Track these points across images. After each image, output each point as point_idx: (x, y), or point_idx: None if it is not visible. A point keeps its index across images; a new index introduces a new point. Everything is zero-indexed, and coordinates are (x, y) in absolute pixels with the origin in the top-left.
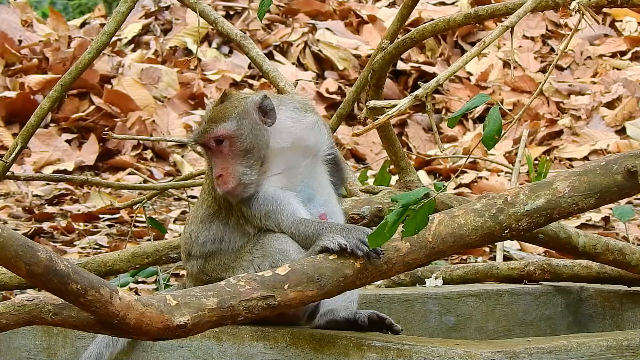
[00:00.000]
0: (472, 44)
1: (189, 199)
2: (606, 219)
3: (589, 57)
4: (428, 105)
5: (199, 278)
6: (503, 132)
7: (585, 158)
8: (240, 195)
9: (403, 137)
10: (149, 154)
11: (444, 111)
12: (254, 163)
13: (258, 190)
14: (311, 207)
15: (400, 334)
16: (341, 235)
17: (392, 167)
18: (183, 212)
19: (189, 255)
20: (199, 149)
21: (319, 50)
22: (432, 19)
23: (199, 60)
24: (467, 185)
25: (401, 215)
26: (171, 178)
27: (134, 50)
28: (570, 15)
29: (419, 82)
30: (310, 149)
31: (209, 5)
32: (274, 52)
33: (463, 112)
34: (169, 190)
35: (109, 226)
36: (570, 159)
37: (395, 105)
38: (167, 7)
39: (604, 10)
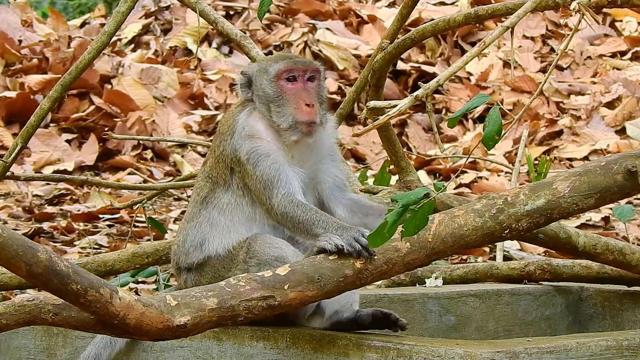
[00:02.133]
0: (472, 44)
1: (189, 199)
2: (606, 219)
3: (589, 57)
4: (428, 105)
5: None
6: (503, 132)
7: (585, 158)
8: (312, 132)
9: (403, 137)
10: (149, 154)
11: (444, 111)
12: (325, 112)
13: (272, 156)
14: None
15: (405, 329)
16: (337, 235)
17: (392, 167)
18: (183, 212)
19: (178, 269)
20: (268, 88)
21: (319, 50)
22: (432, 19)
23: (199, 60)
24: (467, 185)
25: (401, 215)
26: (171, 178)
27: (134, 50)
28: (570, 15)
29: (419, 82)
30: (325, 150)
31: (209, 5)
32: (274, 52)
33: (463, 112)
34: (169, 190)
35: (109, 226)
36: (570, 159)
37: (395, 106)
38: (167, 7)
39: (604, 10)
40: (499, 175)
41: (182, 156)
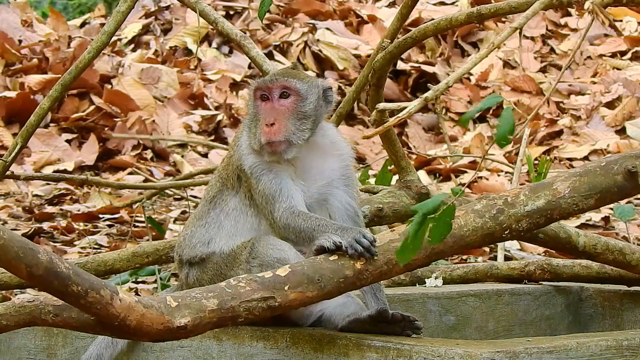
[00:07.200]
0: (472, 44)
1: (189, 199)
2: (606, 219)
3: (589, 57)
4: (437, 107)
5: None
6: (515, 132)
7: (585, 158)
8: (280, 152)
9: (403, 137)
10: (149, 154)
11: (444, 111)
12: (305, 129)
13: (274, 170)
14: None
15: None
16: (337, 234)
17: (392, 166)
18: (183, 212)
19: (180, 262)
20: (250, 107)
21: (319, 50)
22: (432, 19)
23: (199, 60)
24: (467, 185)
25: (421, 225)
26: (171, 178)
27: (134, 50)
28: (580, 16)
29: (419, 81)
30: (334, 160)
31: (209, 5)
32: (274, 52)
33: (476, 111)
34: (169, 189)
35: (109, 226)
36: (570, 159)
37: (405, 108)
38: (167, 7)
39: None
40: (499, 175)
41: (182, 156)
